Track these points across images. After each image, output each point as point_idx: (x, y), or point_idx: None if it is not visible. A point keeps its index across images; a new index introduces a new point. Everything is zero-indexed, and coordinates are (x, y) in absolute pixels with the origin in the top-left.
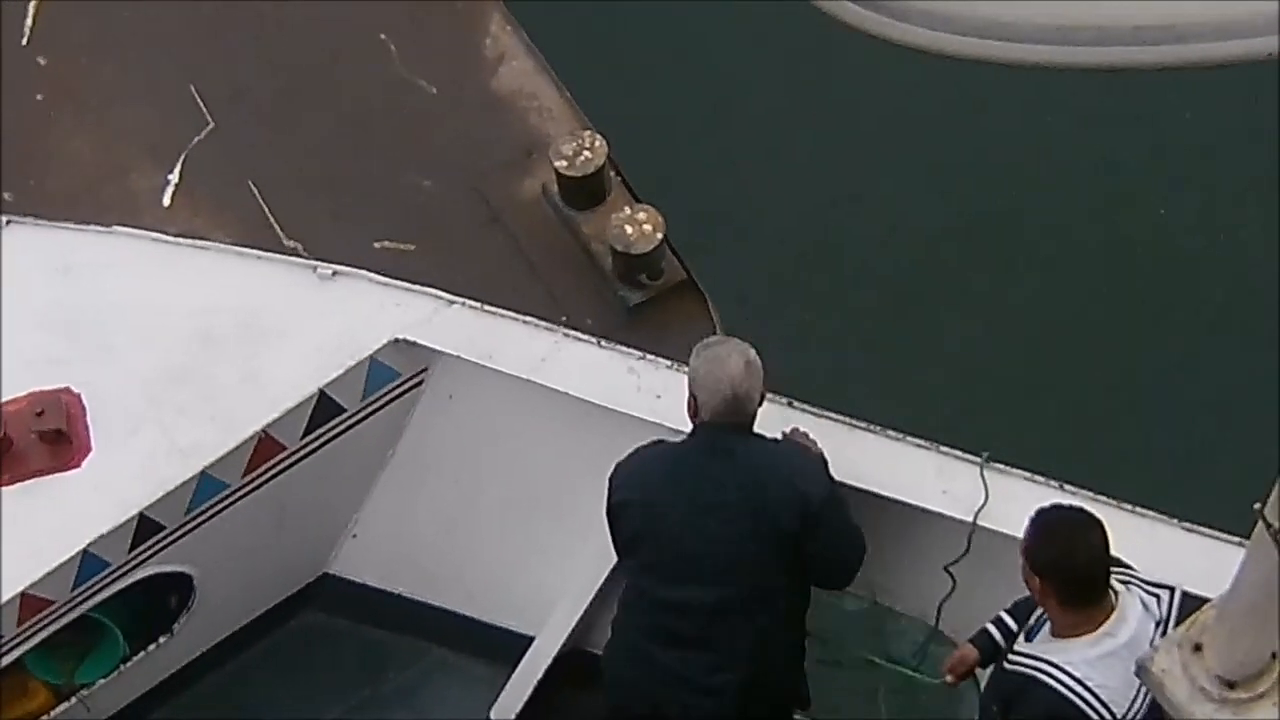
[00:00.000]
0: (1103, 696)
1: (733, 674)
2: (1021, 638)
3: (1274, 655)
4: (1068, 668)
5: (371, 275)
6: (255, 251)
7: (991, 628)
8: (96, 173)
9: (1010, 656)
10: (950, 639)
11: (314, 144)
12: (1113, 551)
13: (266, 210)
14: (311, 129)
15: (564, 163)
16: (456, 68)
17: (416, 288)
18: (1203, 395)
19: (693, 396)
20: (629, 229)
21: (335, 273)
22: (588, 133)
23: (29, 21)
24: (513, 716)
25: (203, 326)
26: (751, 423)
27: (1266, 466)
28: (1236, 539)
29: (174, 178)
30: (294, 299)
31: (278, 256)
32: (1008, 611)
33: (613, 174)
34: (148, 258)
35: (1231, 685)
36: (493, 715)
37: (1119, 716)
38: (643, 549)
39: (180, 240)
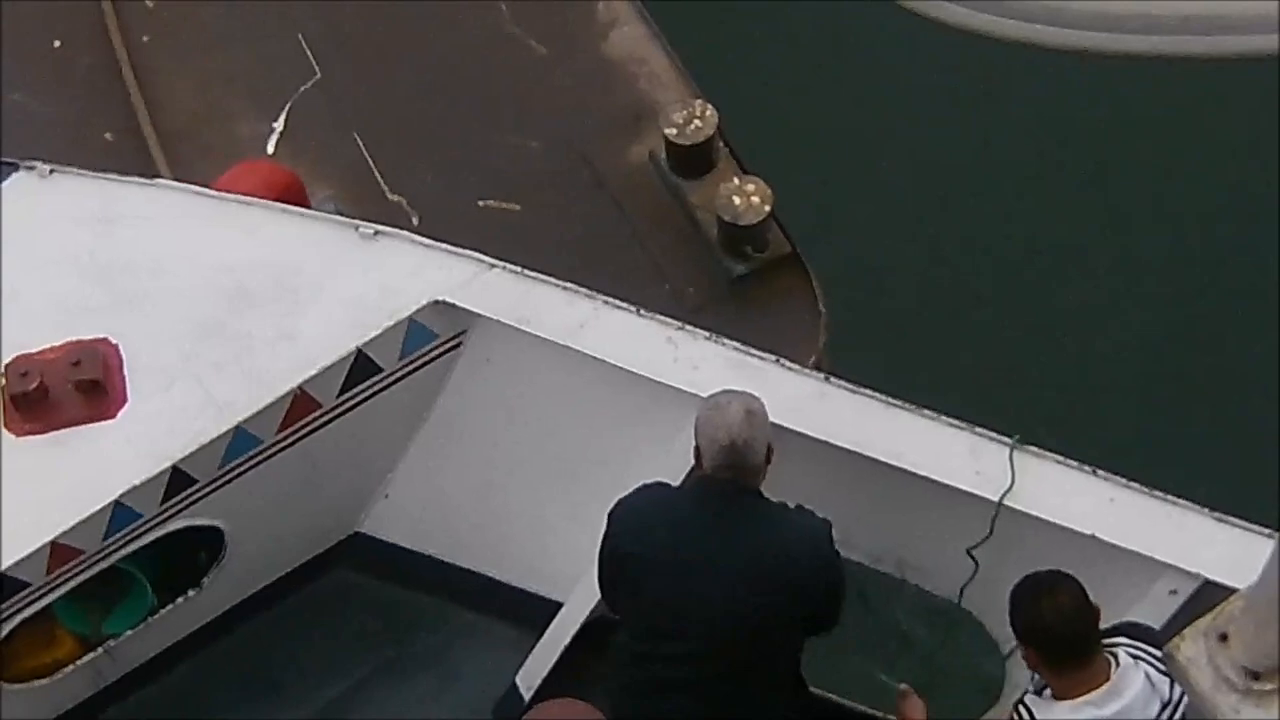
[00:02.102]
0: None
1: None
2: (1032, 689)
3: None
4: None
5: (413, 236)
6: (297, 209)
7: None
8: (200, 116)
9: (1018, 700)
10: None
11: (420, 99)
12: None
13: (370, 163)
14: (418, 84)
15: (674, 130)
16: (567, 29)
17: (458, 250)
18: (1242, 385)
19: (696, 445)
20: (737, 200)
21: (377, 232)
22: (699, 101)
23: None
24: (539, 682)
25: (242, 282)
26: (756, 480)
27: None
28: (1268, 530)
29: (279, 125)
30: (335, 257)
31: (320, 214)
32: None
33: (721, 144)
34: (190, 211)
35: (1256, 676)
36: (518, 680)
37: None
38: (637, 604)
39: (223, 195)
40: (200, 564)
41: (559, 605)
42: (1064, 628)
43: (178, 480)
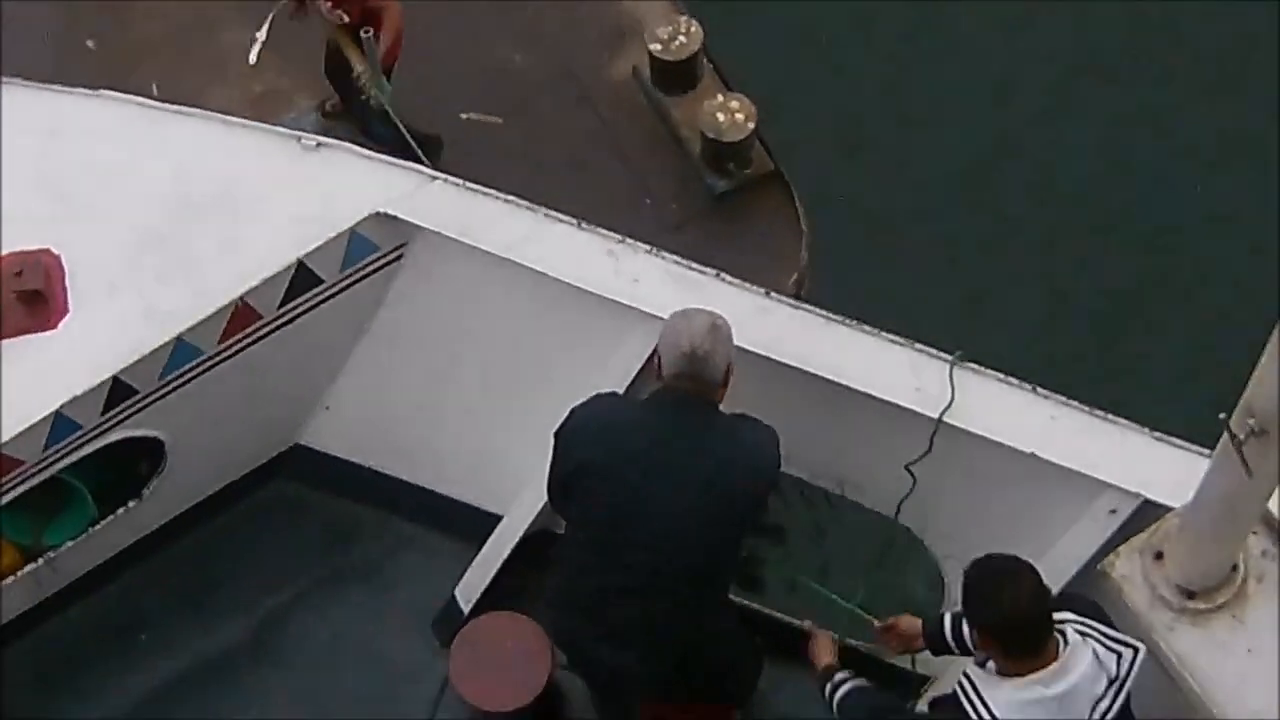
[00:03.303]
0: None
1: (670, 638)
2: (975, 661)
3: (1235, 568)
4: (991, 705)
5: (354, 148)
6: (240, 120)
7: (948, 622)
8: (183, 25)
9: (961, 675)
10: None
11: (405, 11)
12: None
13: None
14: None
15: (658, 45)
16: None
17: (400, 162)
18: (1185, 308)
19: (656, 353)
20: (721, 116)
21: (319, 144)
22: (684, 18)
23: None
24: (478, 595)
25: (184, 193)
26: (714, 395)
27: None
28: (1208, 451)
29: (261, 35)
30: (277, 169)
31: (263, 126)
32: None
33: (706, 61)
34: (135, 123)
35: (1191, 595)
36: (458, 593)
37: None
38: (591, 513)
39: (166, 106)
40: (141, 475)
41: (499, 518)
42: (1023, 619)
43: (118, 391)
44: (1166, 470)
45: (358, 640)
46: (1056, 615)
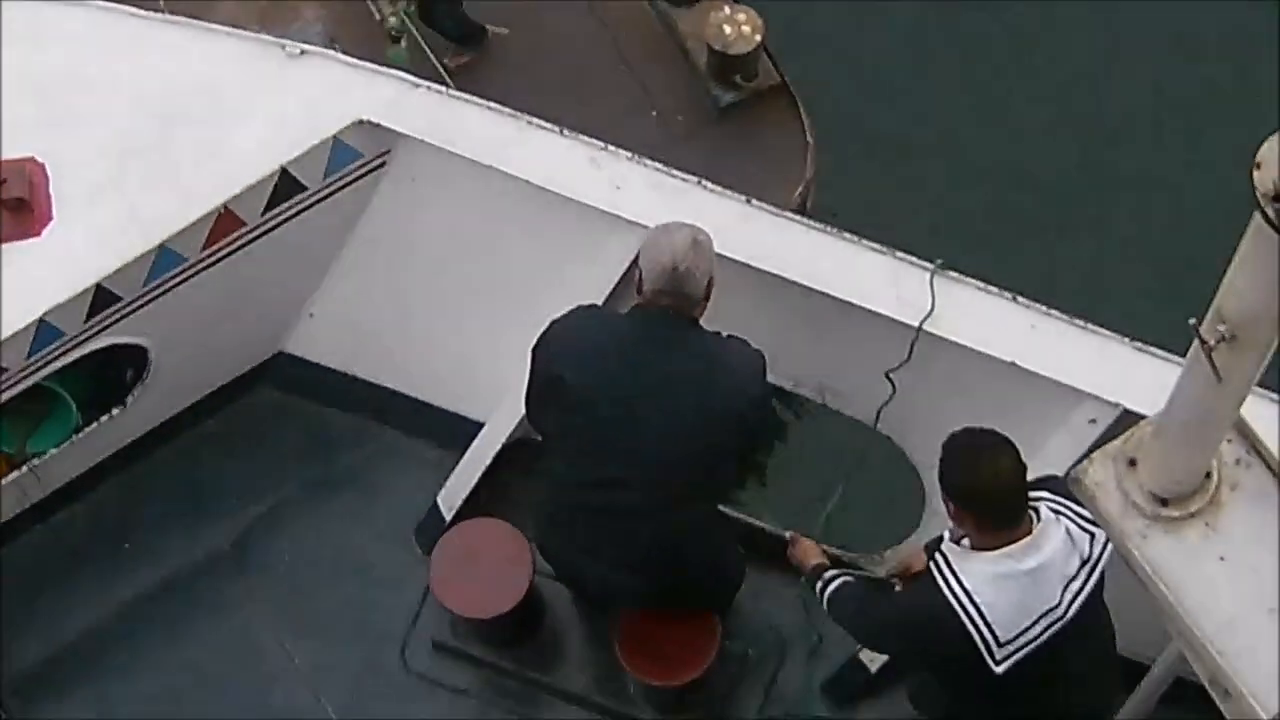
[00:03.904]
0: (986, 614)
1: (650, 555)
2: (947, 536)
3: (1208, 475)
4: (962, 577)
5: (339, 55)
6: (224, 28)
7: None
8: None
9: (937, 551)
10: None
11: None
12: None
13: None
14: None
15: None
16: None
17: (384, 69)
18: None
19: (637, 268)
20: (728, 29)
21: (303, 51)
22: None
23: None
24: (459, 502)
25: (169, 101)
26: (695, 310)
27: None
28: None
29: None
30: (261, 76)
31: (247, 34)
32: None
33: None
34: (120, 30)
35: (1164, 502)
36: (440, 500)
37: (1000, 639)
38: (577, 426)
39: (151, 14)
40: (126, 383)
41: (481, 425)
42: (1002, 492)
43: (102, 298)
44: (1146, 380)
45: (340, 547)
46: (1031, 493)
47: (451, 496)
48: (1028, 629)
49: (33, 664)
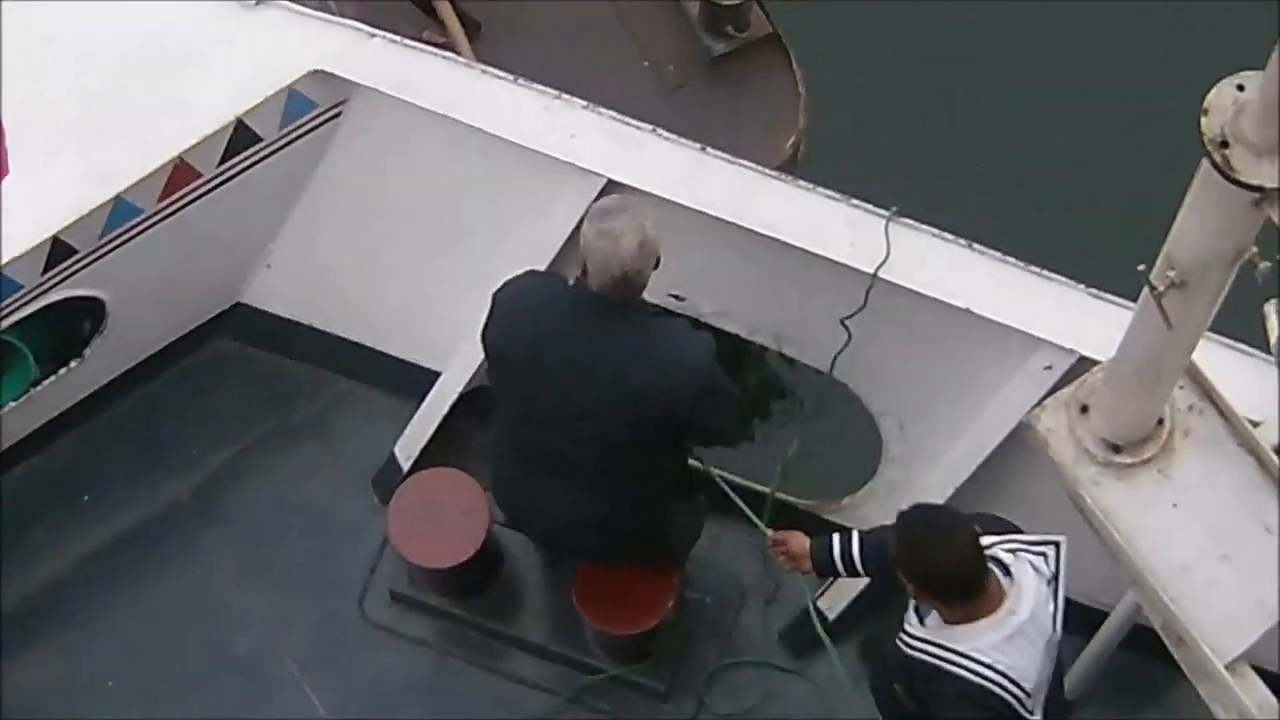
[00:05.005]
0: (1015, 677)
1: (595, 517)
2: (913, 617)
3: (1161, 421)
4: (977, 655)
5: (293, 6)
6: None
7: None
8: None
9: (909, 642)
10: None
11: None
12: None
13: None
14: None
15: None
16: None
17: (339, 20)
18: (1121, 167)
19: (583, 262)
20: None
21: (258, 2)
22: None
23: None
24: (417, 451)
25: (123, 52)
26: (641, 292)
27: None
28: None
29: None
30: (216, 27)
31: None
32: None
33: None
34: None
35: (1117, 449)
36: (397, 449)
37: (1030, 692)
38: (517, 397)
39: None
40: (84, 336)
41: (438, 375)
42: (965, 569)
43: (58, 250)
44: (1102, 327)
45: (299, 499)
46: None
47: (409, 446)
48: (1040, 672)
49: None
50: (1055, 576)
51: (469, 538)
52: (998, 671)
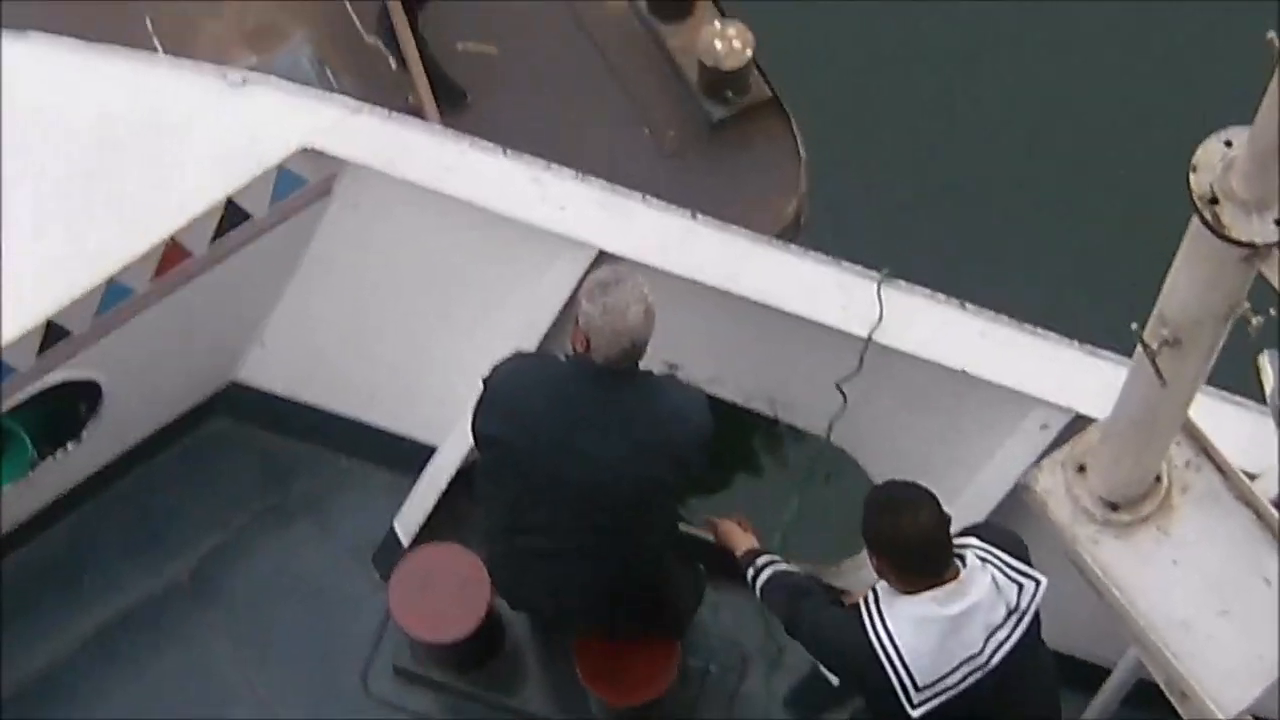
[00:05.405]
0: (905, 657)
1: (592, 593)
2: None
3: (1158, 478)
4: (886, 617)
5: (281, 82)
6: (165, 56)
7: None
8: None
9: (870, 587)
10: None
11: None
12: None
13: (348, 5)
14: None
15: None
16: None
17: (325, 95)
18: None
19: (585, 337)
20: (719, 44)
21: (245, 80)
22: None
23: None
24: (416, 526)
25: (112, 131)
26: (642, 357)
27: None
28: None
29: None
30: (204, 105)
31: (187, 62)
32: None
33: None
34: (60, 60)
35: (1115, 507)
36: (396, 525)
37: (918, 684)
38: (512, 479)
39: (92, 44)
40: (80, 418)
41: (435, 449)
42: (926, 545)
43: (52, 333)
44: (1098, 384)
45: (299, 576)
46: (958, 540)
47: (409, 521)
48: (946, 675)
49: None
50: (1021, 611)
51: (471, 611)
52: (891, 641)
